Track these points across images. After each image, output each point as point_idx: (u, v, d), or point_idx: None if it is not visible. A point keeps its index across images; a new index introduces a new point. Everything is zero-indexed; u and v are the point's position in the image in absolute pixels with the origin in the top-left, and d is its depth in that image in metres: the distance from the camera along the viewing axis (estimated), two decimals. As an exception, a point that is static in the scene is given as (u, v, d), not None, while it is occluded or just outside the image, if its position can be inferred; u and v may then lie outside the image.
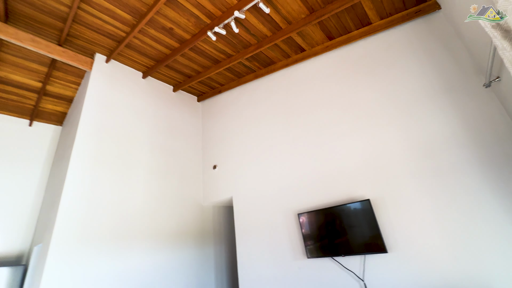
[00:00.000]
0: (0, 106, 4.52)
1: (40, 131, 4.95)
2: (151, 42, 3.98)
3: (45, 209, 4.05)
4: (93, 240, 3.24)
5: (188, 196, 4.57)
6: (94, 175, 3.51)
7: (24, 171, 4.53)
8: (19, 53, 3.90)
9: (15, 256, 4.06)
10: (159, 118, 4.67)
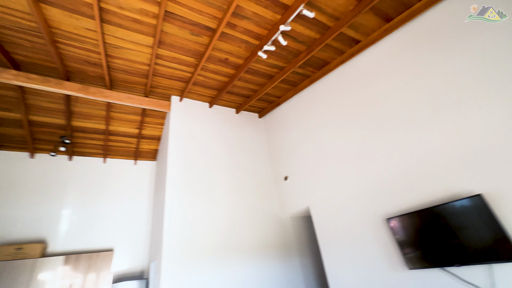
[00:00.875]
0: (114, 152, 5.83)
1: (142, 168, 6.11)
2: (211, 75, 4.47)
3: (154, 231, 4.89)
4: (192, 256, 3.70)
5: (265, 209, 4.73)
6: (185, 199, 4.07)
7: (135, 201, 5.63)
8: (121, 109, 5.01)
9: (139, 272, 5.00)
10: (228, 140, 5.10)
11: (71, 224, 4.87)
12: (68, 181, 5.21)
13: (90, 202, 5.20)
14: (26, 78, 3.86)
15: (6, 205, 4.52)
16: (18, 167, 4.91)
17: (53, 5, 2.99)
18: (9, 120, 4.51)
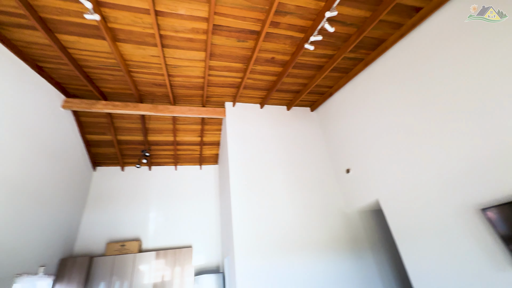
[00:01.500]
0: (182, 160, 6.54)
1: (206, 171, 6.68)
2: (260, 77, 4.58)
3: (224, 229, 5.29)
4: (262, 252, 3.87)
5: (328, 204, 4.58)
6: (249, 198, 4.28)
7: (204, 201, 6.19)
8: (184, 121, 5.59)
9: (215, 266, 5.49)
10: (282, 137, 5.14)
11: (157, 225, 5.69)
12: (150, 188, 6.10)
13: (169, 205, 5.97)
14: (112, 105, 4.69)
15: (110, 210, 5.57)
16: (114, 179, 6.00)
17: (126, 42, 3.55)
18: (104, 141, 5.55)
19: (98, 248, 5.13)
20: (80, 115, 4.98)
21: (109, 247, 4.93)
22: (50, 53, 3.62)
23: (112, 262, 4.75)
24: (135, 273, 4.74)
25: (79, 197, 5.24)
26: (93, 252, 5.08)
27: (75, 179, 5.07)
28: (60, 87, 4.33)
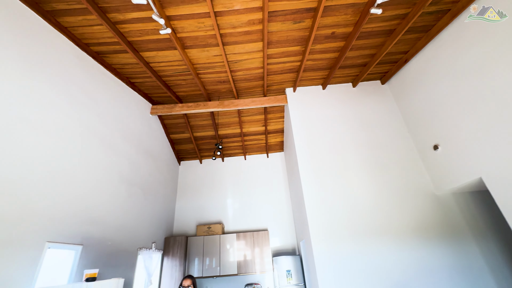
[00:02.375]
0: (250, 150, 6.91)
1: (273, 159, 6.89)
2: (320, 56, 4.34)
3: (297, 213, 5.41)
4: (339, 237, 3.80)
5: (411, 187, 4.08)
6: (320, 182, 4.23)
7: (274, 188, 6.44)
8: (248, 113, 5.85)
9: (291, 248, 5.71)
10: (350, 117, 4.79)
11: (234, 210, 6.26)
12: (225, 177, 6.71)
13: (242, 192, 6.46)
14: (187, 107, 5.31)
15: (195, 197, 6.45)
16: (195, 171, 6.87)
17: (192, 47, 3.93)
18: (184, 139, 6.37)
19: (190, 230, 6.05)
20: (164, 119, 5.84)
21: (199, 229, 5.74)
22: (138, 70, 4.33)
23: (202, 241, 5.52)
24: (222, 252, 5.40)
25: (171, 187, 6.24)
26: (187, 232, 6.03)
27: (167, 173, 6.04)
28: (147, 97, 5.16)
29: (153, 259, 4.79)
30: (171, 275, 5.10)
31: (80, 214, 3.11)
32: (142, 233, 4.60)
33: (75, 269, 2.91)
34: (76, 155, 3.16)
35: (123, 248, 3.94)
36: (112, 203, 3.78)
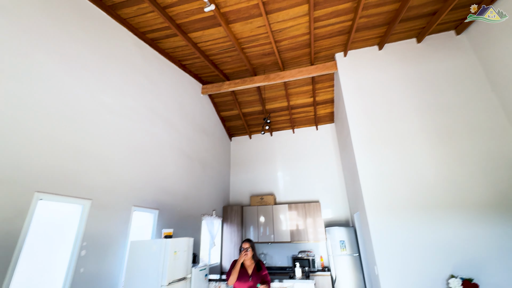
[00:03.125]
0: (298, 123, 6.79)
1: (323, 131, 6.65)
2: (375, 10, 3.80)
3: (349, 185, 5.25)
4: (396, 209, 3.58)
5: (497, 156, 3.46)
6: (376, 152, 3.95)
7: (323, 160, 6.29)
8: (295, 84, 5.67)
9: (344, 220, 5.65)
10: (413, 78, 4.19)
11: (285, 182, 6.42)
12: (274, 151, 6.84)
13: (292, 165, 6.53)
14: (234, 83, 5.43)
15: (247, 171, 6.81)
16: (245, 146, 7.17)
17: (235, 21, 3.89)
18: (233, 116, 6.62)
19: (245, 200, 6.51)
20: (213, 97, 6.13)
21: (252, 199, 6.12)
22: (187, 52, 4.56)
23: (256, 211, 5.91)
24: (275, 221, 5.70)
25: (225, 162, 6.70)
26: (242, 202, 6.50)
27: (220, 149, 6.47)
28: (197, 78, 5.45)
29: (214, 225, 5.38)
30: (231, 239, 5.68)
31: (155, 184, 3.65)
32: (204, 202, 5.16)
33: (155, 229, 3.50)
34: (146, 135, 3.64)
35: (190, 214, 4.53)
36: (177, 175, 4.30)
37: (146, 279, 2.62)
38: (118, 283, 2.78)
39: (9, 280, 1.82)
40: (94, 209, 2.61)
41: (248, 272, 2.48)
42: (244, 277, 2.43)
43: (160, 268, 2.63)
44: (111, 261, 2.73)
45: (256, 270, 2.51)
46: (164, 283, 2.58)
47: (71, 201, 2.39)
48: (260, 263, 2.59)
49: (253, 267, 2.53)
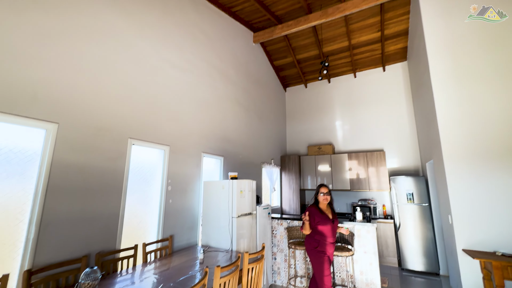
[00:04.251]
0: (361, 65, 6.01)
1: (391, 72, 5.76)
2: None
3: (422, 131, 4.64)
4: (479, 156, 3.05)
5: None
6: (462, 91, 3.27)
7: (390, 105, 5.59)
8: (358, 17, 4.85)
9: (413, 169, 5.19)
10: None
11: (344, 131, 6.10)
12: (332, 99, 6.39)
13: (352, 113, 6.06)
14: (287, 26, 4.99)
15: (303, 121, 6.68)
16: (300, 96, 6.90)
17: None
18: (287, 64, 6.29)
19: (302, 150, 6.56)
20: (266, 45, 5.85)
21: (310, 149, 6.11)
22: (236, -4, 4.31)
23: (314, 160, 5.93)
24: (333, 170, 5.66)
25: (280, 113, 6.68)
26: (299, 152, 6.59)
27: (275, 100, 6.41)
28: (248, 25, 5.21)
29: (273, 173, 5.70)
30: (289, 186, 5.98)
31: (218, 134, 3.98)
32: (262, 151, 5.43)
33: (221, 173, 3.94)
34: (207, 88, 3.84)
35: (250, 161, 4.87)
36: (237, 126, 4.55)
37: (219, 212, 3.08)
38: (198, 214, 3.36)
39: (124, 202, 2.40)
40: (172, 154, 3.06)
41: (329, 216, 2.63)
42: (327, 220, 2.58)
43: (230, 204, 3.03)
44: (191, 197, 3.27)
45: (333, 212, 2.70)
46: (234, 215, 2.99)
47: (155, 147, 2.84)
48: (332, 206, 2.76)
49: (330, 210, 2.70)
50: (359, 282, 3.22)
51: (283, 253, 3.79)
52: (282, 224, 3.86)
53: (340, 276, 3.34)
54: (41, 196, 1.82)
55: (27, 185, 1.80)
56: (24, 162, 1.80)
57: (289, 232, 3.64)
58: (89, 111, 2.20)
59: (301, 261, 3.64)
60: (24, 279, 1.62)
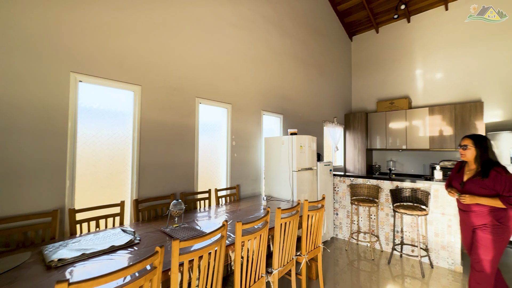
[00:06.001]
0: None
1: None
2: None
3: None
4: None
5: None
6: None
7: (491, 46, 4.28)
8: None
9: None
10: None
11: (426, 82, 5.12)
12: (412, 43, 5.32)
13: (438, 58, 4.95)
14: (354, -43, 4.19)
15: (373, 73, 5.90)
16: (370, 44, 5.99)
17: None
18: (353, 6, 5.43)
19: (370, 106, 5.93)
20: (327, -12, 5.14)
21: (380, 105, 5.46)
22: None
23: (384, 117, 5.30)
24: (408, 127, 4.97)
25: (345, 66, 6.04)
26: (367, 109, 5.99)
27: (338, 51, 5.78)
28: (306, -34, 4.61)
29: (336, 131, 5.43)
30: (354, 145, 5.63)
31: (276, 92, 3.95)
32: (324, 109, 5.16)
33: (281, 131, 4.00)
34: (261, 44, 3.75)
35: (311, 120, 4.74)
36: (295, 83, 4.39)
37: (280, 166, 3.21)
38: (261, 167, 3.59)
39: (197, 154, 2.77)
40: (234, 111, 3.25)
41: (463, 177, 1.98)
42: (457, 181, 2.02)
43: (290, 158, 3.11)
44: (253, 152, 3.49)
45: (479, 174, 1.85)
46: (294, 169, 3.07)
47: (218, 105, 3.06)
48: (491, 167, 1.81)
49: (475, 170, 1.91)
50: (432, 243, 2.98)
51: (345, 210, 3.77)
52: (345, 181, 3.77)
53: (410, 236, 3.15)
54: (136, 146, 2.27)
55: (128, 138, 2.26)
56: (123, 119, 2.24)
57: (352, 189, 3.54)
58: (162, 74, 2.50)
59: (365, 218, 3.56)
60: (134, 206, 2.15)
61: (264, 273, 1.76)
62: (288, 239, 1.93)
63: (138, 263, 0.97)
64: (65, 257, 1.27)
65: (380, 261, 3.06)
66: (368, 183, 3.53)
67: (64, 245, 1.45)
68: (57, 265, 1.22)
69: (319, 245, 2.38)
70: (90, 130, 2.04)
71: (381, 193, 3.41)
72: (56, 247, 1.42)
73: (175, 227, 1.87)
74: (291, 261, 2.04)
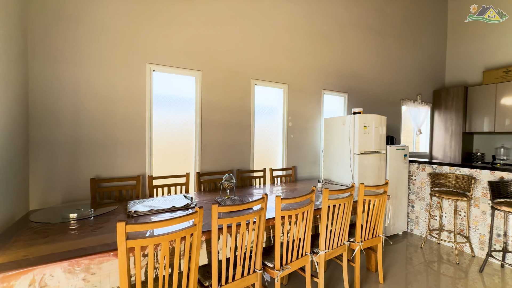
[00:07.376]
0: None
1: None
2: None
3: None
4: None
5: None
6: None
7: None
8: None
9: None
10: None
11: None
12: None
13: None
14: None
15: (480, 35, 4.56)
16: None
17: None
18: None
19: (472, 78, 4.67)
20: None
21: (487, 75, 4.22)
22: None
23: (494, 90, 4.08)
24: (534, 101, 3.68)
25: (437, 31, 4.89)
26: (467, 82, 4.74)
27: (428, 14, 4.70)
28: None
29: (420, 111, 4.55)
30: (445, 128, 4.61)
31: (341, 68, 3.61)
32: (403, 85, 4.39)
33: (345, 109, 3.66)
34: (325, 17, 3.45)
35: (385, 98, 4.13)
36: (366, 57, 3.88)
37: (340, 149, 2.98)
38: (320, 149, 3.43)
39: (253, 134, 2.88)
40: (291, 92, 3.17)
41: None
42: None
43: (351, 139, 2.84)
44: (311, 133, 3.36)
45: None
46: (356, 152, 2.80)
47: (274, 86, 3.05)
48: None
49: None
50: None
51: (423, 202, 3.20)
52: (425, 169, 3.17)
53: None
54: (198, 126, 2.55)
55: (191, 120, 2.57)
56: (188, 103, 2.56)
57: (434, 178, 2.96)
58: (220, 58, 2.67)
59: (451, 214, 2.93)
60: (197, 178, 2.47)
61: (308, 252, 1.74)
62: (338, 222, 1.82)
63: (179, 218, 1.14)
64: (139, 210, 1.61)
65: (469, 268, 2.50)
66: (458, 172, 2.86)
67: (141, 202, 1.83)
68: (133, 215, 1.56)
69: (379, 235, 2.15)
70: (163, 114, 2.42)
71: (476, 185, 2.71)
72: (136, 203, 1.80)
73: (227, 198, 2.05)
74: (342, 246, 1.93)
